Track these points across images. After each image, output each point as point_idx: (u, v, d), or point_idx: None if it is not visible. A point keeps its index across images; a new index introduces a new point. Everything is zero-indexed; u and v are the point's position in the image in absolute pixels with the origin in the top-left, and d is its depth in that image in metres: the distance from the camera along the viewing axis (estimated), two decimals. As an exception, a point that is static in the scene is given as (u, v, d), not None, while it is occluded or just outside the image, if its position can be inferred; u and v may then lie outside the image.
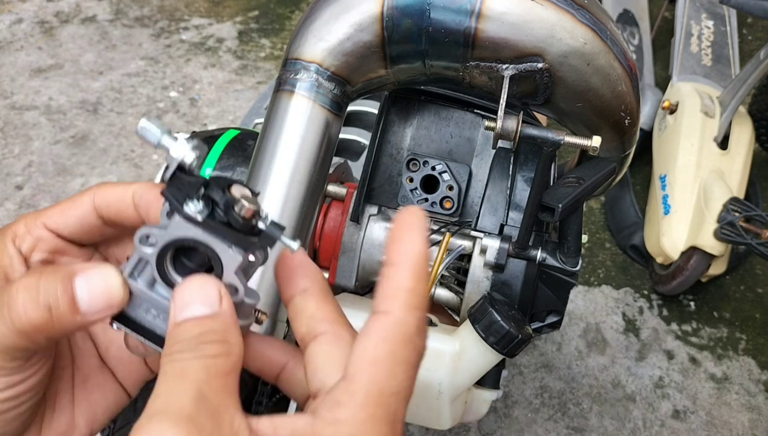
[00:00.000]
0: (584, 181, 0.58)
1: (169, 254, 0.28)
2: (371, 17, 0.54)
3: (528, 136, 0.56)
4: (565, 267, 0.64)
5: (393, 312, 0.25)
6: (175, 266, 0.29)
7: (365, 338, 0.25)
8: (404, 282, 0.26)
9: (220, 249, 0.28)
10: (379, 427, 0.23)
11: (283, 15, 2.43)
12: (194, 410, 0.23)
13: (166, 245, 0.28)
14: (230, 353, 0.25)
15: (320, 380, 0.27)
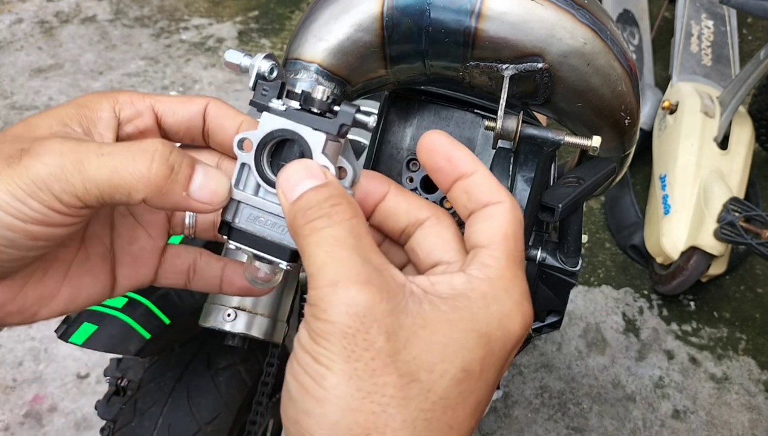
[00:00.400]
0: (584, 181, 0.58)
1: (265, 155, 0.31)
2: (371, 17, 0.54)
3: (528, 136, 0.56)
4: (565, 267, 0.64)
5: (505, 201, 0.30)
6: (272, 169, 0.31)
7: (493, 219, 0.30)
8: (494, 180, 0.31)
9: (306, 132, 0.30)
10: (520, 282, 0.29)
11: (283, 15, 2.43)
12: (367, 273, 0.26)
13: (260, 141, 0.31)
14: (359, 213, 0.28)
15: (437, 255, 0.31)
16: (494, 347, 0.27)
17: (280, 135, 0.31)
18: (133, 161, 0.28)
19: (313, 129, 0.30)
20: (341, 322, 0.25)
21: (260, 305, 0.82)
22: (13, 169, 0.27)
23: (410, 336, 0.26)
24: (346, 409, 0.25)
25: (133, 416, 0.84)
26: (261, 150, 0.31)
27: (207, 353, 0.88)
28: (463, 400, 0.26)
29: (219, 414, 0.84)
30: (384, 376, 0.25)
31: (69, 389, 1.43)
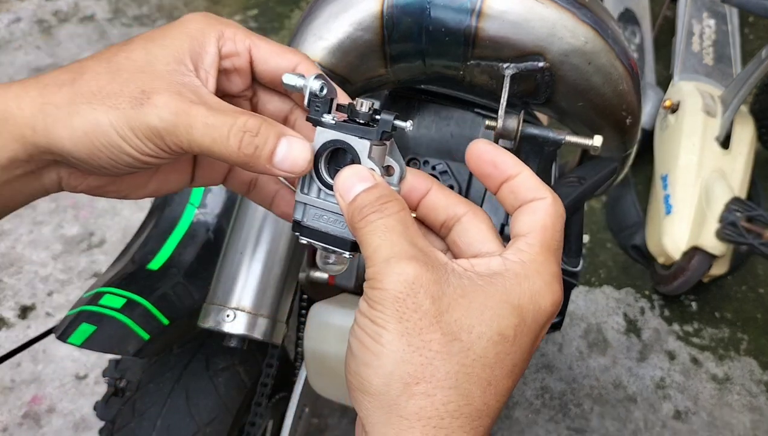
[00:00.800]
0: (585, 180, 0.58)
1: (322, 163, 0.37)
2: (371, 16, 0.54)
3: (529, 135, 0.56)
4: (567, 267, 0.64)
5: (548, 197, 0.34)
6: (330, 174, 0.37)
7: (534, 213, 0.34)
8: (537, 179, 0.35)
9: (353, 141, 0.36)
10: (551, 266, 0.33)
11: (282, 14, 2.43)
12: (414, 251, 0.31)
13: (316, 152, 0.37)
14: (405, 207, 0.33)
15: (477, 247, 0.35)
16: (526, 317, 0.31)
17: (332, 145, 0.36)
18: (227, 139, 0.34)
19: (359, 138, 0.36)
20: (393, 289, 0.30)
21: (260, 306, 0.81)
22: (136, 112, 0.33)
23: (452, 302, 0.30)
24: (399, 361, 0.29)
25: (132, 417, 0.83)
26: (318, 159, 0.37)
27: (206, 354, 0.88)
28: (500, 360, 0.31)
29: (218, 415, 0.84)
30: (430, 333, 0.30)
31: (67, 390, 1.43)
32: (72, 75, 0.34)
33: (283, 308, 0.86)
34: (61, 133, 0.33)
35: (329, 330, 0.62)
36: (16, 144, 0.33)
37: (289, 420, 0.93)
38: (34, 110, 0.33)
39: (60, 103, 0.33)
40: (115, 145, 0.33)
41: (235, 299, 0.70)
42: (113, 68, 0.34)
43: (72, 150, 0.33)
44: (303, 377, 0.94)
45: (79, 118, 0.33)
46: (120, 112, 0.33)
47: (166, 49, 0.35)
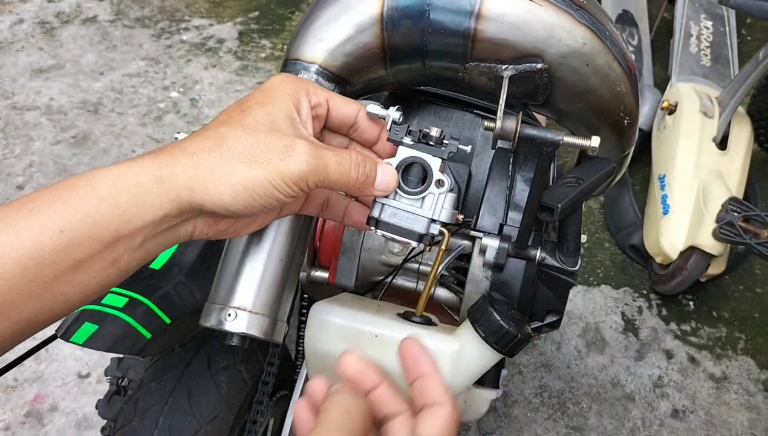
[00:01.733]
0: (583, 181, 0.58)
1: (400, 173, 0.46)
2: (371, 18, 0.54)
3: (527, 136, 0.56)
4: (565, 267, 0.65)
5: (448, 405, 0.40)
6: (405, 182, 0.47)
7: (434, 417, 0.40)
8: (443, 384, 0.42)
9: (427, 158, 0.47)
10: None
11: (283, 15, 2.44)
12: None
13: (397, 165, 0.46)
14: None
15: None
16: None
17: (411, 160, 0.47)
18: (350, 172, 0.43)
19: (432, 156, 0.47)
20: None
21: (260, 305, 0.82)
22: (286, 163, 0.40)
23: None
24: None
25: (134, 416, 0.84)
26: (400, 167, 0.47)
27: (207, 352, 0.88)
28: None
29: (219, 414, 0.84)
30: None
31: (70, 389, 1.44)
32: (214, 141, 0.40)
33: (284, 307, 0.87)
34: (220, 190, 0.39)
35: (330, 329, 0.63)
36: (171, 203, 0.38)
37: (290, 418, 0.94)
38: (190, 174, 0.38)
39: (214, 166, 0.39)
40: (269, 193, 0.40)
41: (237, 298, 0.71)
42: (250, 131, 0.40)
43: (231, 203, 0.39)
44: (304, 375, 0.95)
45: (237, 176, 0.39)
46: (272, 166, 0.39)
47: (279, 109, 0.42)
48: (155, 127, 2.00)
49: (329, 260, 0.74)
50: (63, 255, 0.36)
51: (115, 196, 0.37)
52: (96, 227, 0.36)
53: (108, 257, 0.37)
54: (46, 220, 0.35)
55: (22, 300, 0.35)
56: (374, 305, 0.66)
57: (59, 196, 0.36)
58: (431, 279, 0.60)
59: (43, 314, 0.37)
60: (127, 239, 0.38)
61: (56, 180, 1.81)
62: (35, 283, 0.35)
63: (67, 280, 0.36)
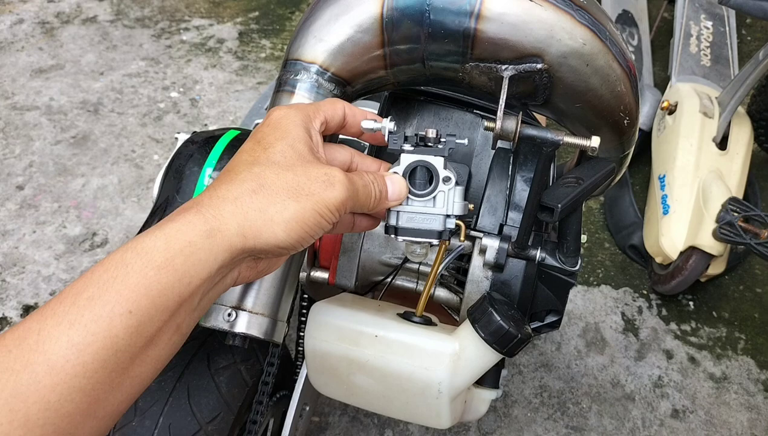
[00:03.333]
0: (583, 181, 0.58)
1: (407, 179, 0.49)
2: (371, 18, 0.54)
3: (527, 136, 0.56)
4: (565, 267, 0.65)
5: None
6: (413, 185, 0.49)
7: None
8: None
9: (430, 159, 0.49)
10: None
11: (283, 16, 2.44)
12: None
13: (403, 172, 0.49)
14: None
15: None
16: None
17: (415, 165, 0.49)
18: (371, 193, 0.46)
19: (434, 156, 0.49)
20: None
21: (260, 305, 0.82)
22: (329, 193, 0.42)
23: None
24: None
25: (134, 416, 0.84)
26: (406, 174, 0.49)
27: (207, 352, 0.88)
28: None
29: (220, 414, 0.84)
30: None
31: (70, 389, 1.43)
32: (255, 183, 0.41)
33: (284, 308, 0.87)
34: (274, 229, 0.40)
35: (330, 329, 0.63)
36: (224, 254, 0.38)
37: (290, 418, 0.94)
38: (239, 221, 0.39)
39: (262, 207, 0.40)
40: (318, 223, 0.41)
41: (237, 298, 0.71)
42: (285, 167, 0.42)
43: (284, 239, 0.40)
44: (304, 375, 0.95)
45: (288, 212, 0.40)
46: (317, 197, 0.41)
47: (299, 141, 0.44)
48: (155, 127, 2.00)
49: (329, 260, 0.74)
50: (136, 336, 0.34)
51: (170, 261, 0.36)
52: (161, 297, 0.35)
53: (173, 324, 0.37)
54: (112, 305, 0.33)
55: (105, 395, 0.33)
56: (374, 305, 0.66)
57: (114, 277, 0.34)
58: (431, 279, 0.60)
59: (124, 402, 0.35)
60: (188, 301, 0.37)
61: (56, 180, 1.82)
62: (115, 372, 0.34)
63: (142, 360, 0.35)
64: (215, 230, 0.38)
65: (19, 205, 1.77)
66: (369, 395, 0.63)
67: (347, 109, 0.50)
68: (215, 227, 0.38)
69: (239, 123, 1.89)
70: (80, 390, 0.32)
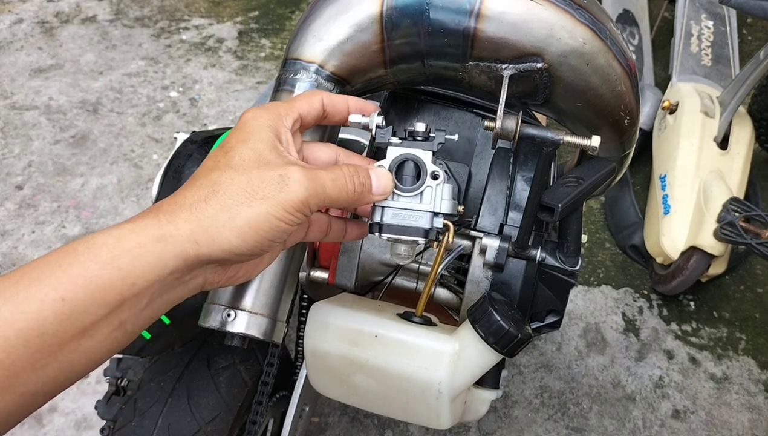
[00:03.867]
0: (584, 181, 0.58)
1: (394, 173, 0.47)
2: (370, 17, 0.54)
3: (527, 135, 0.56)
4: (565, 267, 0.64)
5: None
6: (400, 180, 0.47)
7: None
8: None
9: (419, 153, 0.46)
10: None
11: (283, 15, 2.43)
12: None
13: (389, 166, 0.46)
14: None
15: None
16: None
17: (402, 159, 0.47)
18: (346, 186, 0.43)
19: (423, 150, 0.47)
20: None
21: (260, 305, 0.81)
22: (285, 193, 0.40)
23: None
24: None
25: (133, 416, 0.84)
26: (392, 168, 0.47)
27: (207, 352, 0.88)
28: None
29: (219, 414, 0.84)
30: None
31: (69, 389, 1.43)
32: (208, 189, 0.40)
33: (284, 308, 0.86)
34: (227, 236, 0.39)
35: (329, 329, 0.63)
36: (177, 260, 0.38)
37: (289, 419, 0.93)
38: (192, 227, 0.38)
39: (214, 214, 0.39)
40: (275, 226, 0.40)
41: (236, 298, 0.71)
42: (240, 171, 0.41)
43: (239, 246, 0.39)
44: (303, 376, 0.95)
45: (240, 218, 0.39)
46: (272, 200, 0.40)
47: (261, 142, 0.42)
48: (154, 127, 2.00)
49: (329, 260, 0.74)
50: (67, 324, 0.35)
51: (116, 259, 0.36)
52: (100, 292, 0.36)
53: (114, 320, 0.37)
54: (47, 289, 0.34)
55: (26, 373, 0.34)
56: (374, 305, 0.66)
57: (59, 264, 0.36)
58: (431, 279, 0.60)
59: (49, 384, 0.36)
60: (133, 301, 0.37)
61: (55, 180, 1.82)
62: (39, 354, 0.34)
63: (73, 348, 0.36)
64: (167, 236, 0.38)
65: (18, 205, 1.77)
66: (369, 395, 0.63)
67: (326, 98, 0.48)
68: (168, 232, 0.38)
69: (239, 123, 1.88)
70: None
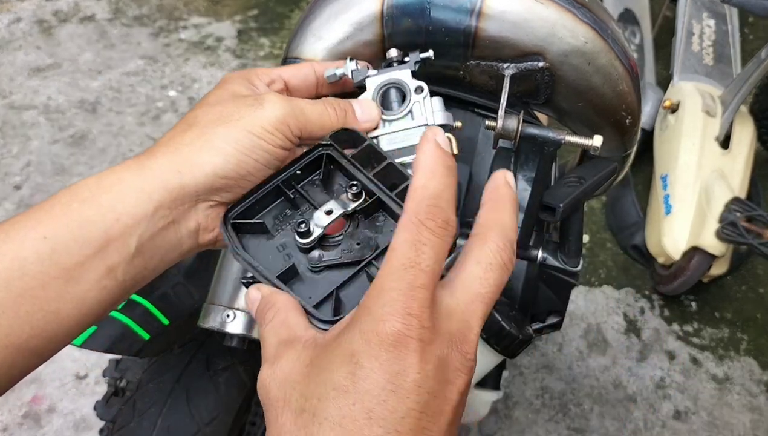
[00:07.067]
0: (585, 180, 0.58)
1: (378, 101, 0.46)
2: (371, 16, 0.54)
3: (529, 135, 0.56)
4: (566, 267, 0.64)
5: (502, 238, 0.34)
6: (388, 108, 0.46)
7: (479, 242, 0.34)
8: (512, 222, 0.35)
9: (398, 74, 0.46)
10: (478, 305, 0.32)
11: (282, 14, 2.43)
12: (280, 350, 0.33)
13: (372, 95, 0.46)
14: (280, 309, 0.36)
15: None
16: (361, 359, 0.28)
17: (383, 85, 0.46)
18: (327, 112, 0.42)
19: (399, 69, 0.46)
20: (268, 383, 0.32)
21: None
22: (261, 112, 0.39)
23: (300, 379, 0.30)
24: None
25: (132, 417, 0.83)
26: (375, 98, 0.46)
27: (206, 353, 0.88)
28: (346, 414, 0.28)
29: (218, 415, 0.84)
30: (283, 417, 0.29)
31: (68, 390, 1.43)
32: (185, 124, 0.39)
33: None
34: (207, 157, 0.38)
35: (329, 330, 0.62)
36: (162, 192, 0.37)
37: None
38: (171, 156, 0.38)
39: (193, 140, 0.38)
40: (256, 144, 0.39)
41: (235, 298, 0.70)
42: (216, 105, 0.40)
43: (223, 165, 0.38)
44: (303, 377, 0.94)
45: (218, 138, 0.38)
46: (248, 119, 0.39)
47: (236, 84, 0.42)
48: (153, 126, 1.99)
49: (328, 260, 0.73)
50: (48, 263, 0.33)
51: (97, 196, 0.35)
52: (81, 229, 0.34)
53: (101, 264, 0.35)
54: (27, 229, 0.34)
55: (7, 318, 0.32)
56: (374, 306, 0.66)
57: (41, 207, 0.35)
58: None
59: (37, 338, 0.34)
60: (119, 241, 0.36)
61: (54, 179, 1.81)
62: (21, 298, 0.33)
63: (59, 293, 0.34)
64: (146, 168, 0.37)
65: (17, 205, 1.76)
66: (368, 397, 0.62)
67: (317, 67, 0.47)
68: (147, 165, 0.37)
69: (239, 122, 1.88)
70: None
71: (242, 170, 0.39)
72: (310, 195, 0.41)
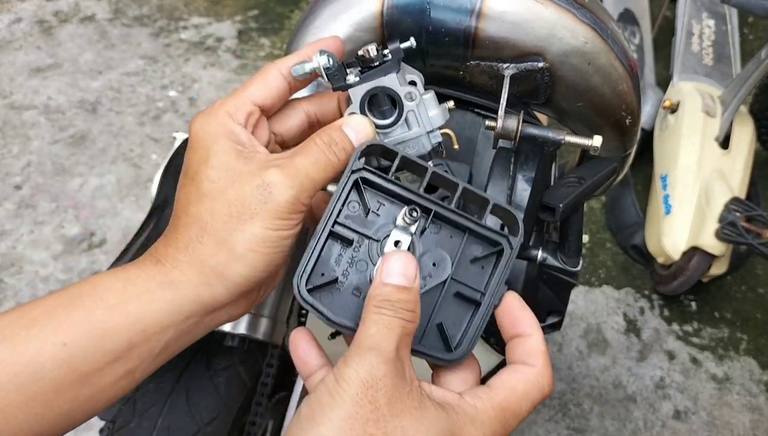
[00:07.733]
0: (585, 180, 0.58)
1: (367, 110, 0.43)
2: (371, 16, 0.54)
3: (528, 135, 0.56)
4: (566, 267, 0.64)
5: (536, 366, 0.37)
6: (376, 116, 0.44)
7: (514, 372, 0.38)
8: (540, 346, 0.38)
9: (383, 81, 0.42)
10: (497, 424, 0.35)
11: (282, 14, 2.43)
12: (395, 356, 0.33)
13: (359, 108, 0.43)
14: (415, 320, 0.36)
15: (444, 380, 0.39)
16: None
17: (369, 94, 0.43)
18: (328, 159, 0.40)
19: (385, 75, 0.42)
20: (364, 375, 0.32)
21: (260, 306, 0.81)
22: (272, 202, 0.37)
23: (404, 410, 0.33)
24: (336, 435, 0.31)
25: (133, 417, 0.84)
26: (363, 109, 0.43)
27: (206, 353, 0.88)
28: None
29: (218, 415, 0.84)
30: (373, 428, 0.31)
31: (68, 390, 1.43)
32: (195, 227, 0.38)
33: (283, 309, 0.86)
34: (235, 267, 0.37)
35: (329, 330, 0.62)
36: (193, 305, 0.37)
37: (289, 420, 0.93)
38: (197, 269, 0.37)
39: (214, 251, 0.37)
40: (274, 238, 0.38)
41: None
42: (216, 196, 0.38)
43: (251, 272, 0.37)
44: (303, 376, 0.94)
45: (240, 246, 0.37)
46: (261, 214, 0.37)
47: (222, 153, 0.39)
48: (153, 127, 2.00)
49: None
50: (67, 369, 0.33)
51: (124, 304, 0.35)
52: (104, 338, 0.34)
53: (121, 369, 0.35)
54: (47, 333, 0.33)
55: (16, 421, 0.32)
56: (374, 306, 0.66)
57: (62, 306, 0.34)
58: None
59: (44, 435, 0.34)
60: (143, 347, 0.35)
61: (54, 179, 1.81)
62: (33, 401, 0.32)
63: (73, 397, 0.34)
64: (176, 282, 0.36)
65: (17, 205, 1.76)
66: (368, 397, 0.62)
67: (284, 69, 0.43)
68: (175, 278, 0.36)
69: (239, 122, 1.88)
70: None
71: (271, 266, 0.38)
72: (358, 225, 0.39)
